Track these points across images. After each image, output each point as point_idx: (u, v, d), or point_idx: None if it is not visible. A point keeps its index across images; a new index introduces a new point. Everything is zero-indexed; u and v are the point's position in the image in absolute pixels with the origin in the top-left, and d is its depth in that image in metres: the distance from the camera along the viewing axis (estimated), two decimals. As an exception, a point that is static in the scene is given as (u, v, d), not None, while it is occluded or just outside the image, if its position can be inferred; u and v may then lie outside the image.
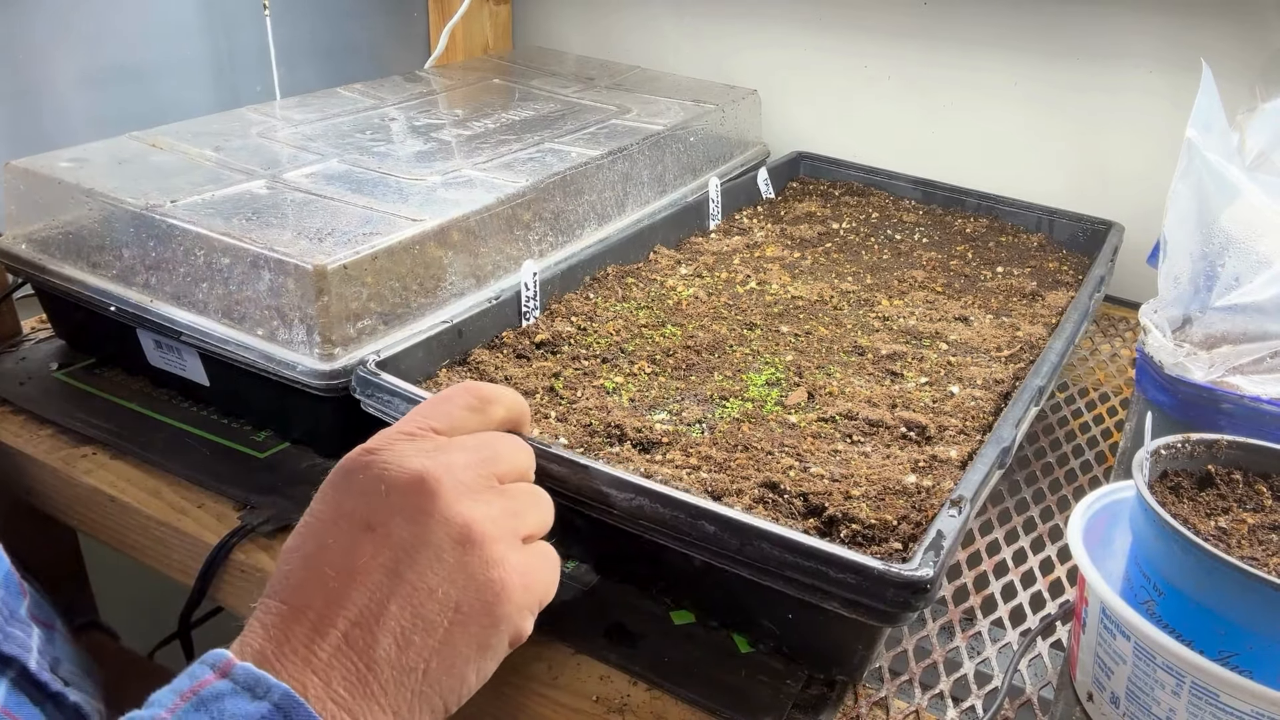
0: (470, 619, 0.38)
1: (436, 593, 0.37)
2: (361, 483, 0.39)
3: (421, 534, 0.38)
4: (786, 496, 0.53)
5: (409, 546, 0.38)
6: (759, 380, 0.67)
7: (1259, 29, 0.91)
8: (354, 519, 0.38)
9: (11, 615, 0.49)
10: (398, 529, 0.38)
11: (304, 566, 0.38)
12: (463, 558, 0.38)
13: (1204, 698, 0.39)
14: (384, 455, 0.40)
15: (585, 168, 0.84)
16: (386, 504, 0.38)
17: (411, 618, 0.37)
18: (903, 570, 0.43)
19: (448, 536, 0.38)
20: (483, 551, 0.38)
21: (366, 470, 0.40)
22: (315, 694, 0.35)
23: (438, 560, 0.38)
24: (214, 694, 0.33)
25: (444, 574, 0.38)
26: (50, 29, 0.89)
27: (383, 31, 1.23)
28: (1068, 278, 0.88)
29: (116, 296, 0.68)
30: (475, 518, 0.39)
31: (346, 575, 0.37)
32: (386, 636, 0.36)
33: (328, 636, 0.36)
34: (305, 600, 0.37)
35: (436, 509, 0.38)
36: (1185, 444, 0.47)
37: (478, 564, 0.38)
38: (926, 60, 1.09)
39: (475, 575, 0.38)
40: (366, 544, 0.38)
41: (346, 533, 0.38)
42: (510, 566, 0.39)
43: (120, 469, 0.66)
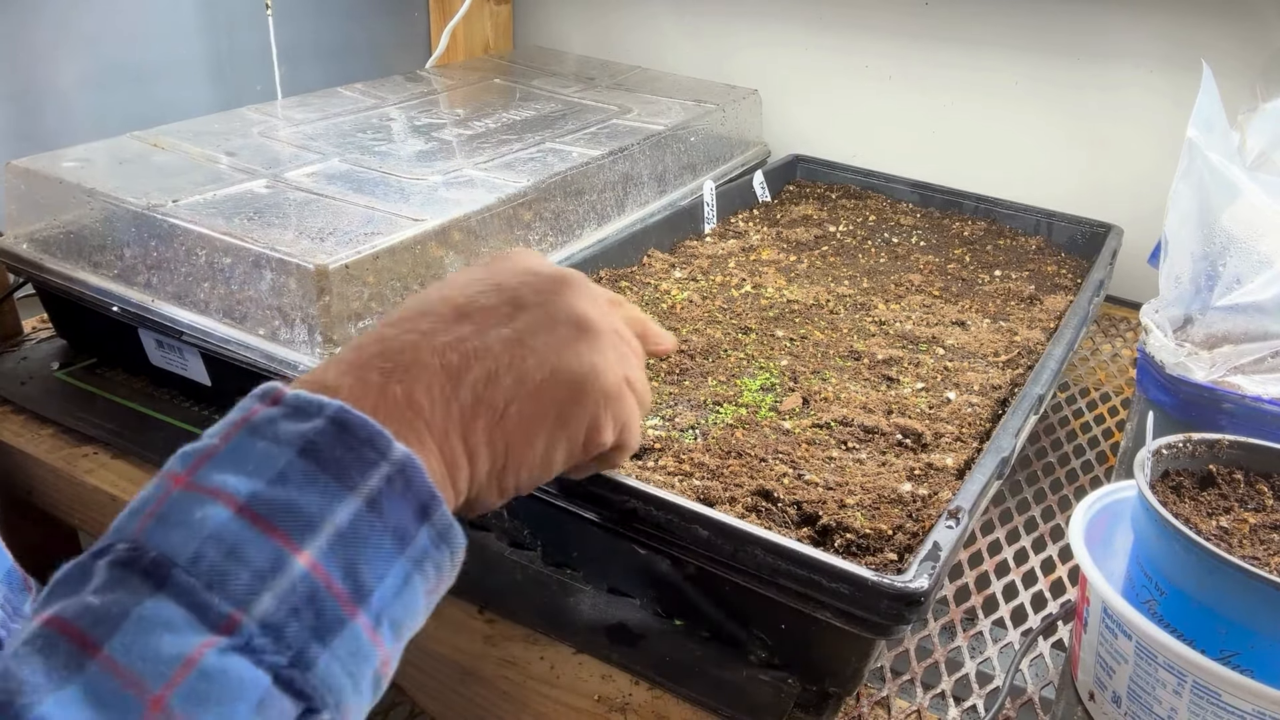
0: (560, 386, 0.39)
1: (538, 351, 0.38)
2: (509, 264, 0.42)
3: (545, 304, 0.40)
4: (780, 505, 0.52)
5: (530, 306, 0.39)
6: (753, 385, 0.67)
7: (1259, 29, 0.91)
8: (488, 280, 0.40)
9: (15, 611, 0.49)
10: (525, 295, 0.40)
11: (423, 298, 0.39)
12: (573, 335, 0.40)
13: (1205, 697, 0.39)
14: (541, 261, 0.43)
15: (586, 167, 0.84)
16: (522, 279, 0.41)
17: (509, 361, 0.37)
18: (896, 582, 0.43)
19: (567, 315, 0.40)
20: (591, 340, 0.40)
21: (519, 259, 0.42)
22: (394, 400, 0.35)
23: (550, 326, 0.39)
24: (266, 419, 0.32)
25: (552, 340, 0.39)
26: (51, 29, 0.89)
27: (384, 31, 1.23)
28: (1066, 281, 0.88)
29: (118, 296, 0.68)
30: (596, 316, 0.41)
31: (461, 311, 0.38)
32: (480, 369, 0.37)
33: (420, 351, 0.36)
34: (414, 323, 0.37)
35: (568, 292, 0.41)
36: (1187, 444, 0.47)
37: (584, 346, 0.40)
38: (927, 60, 1.09)
39: (579, 352, 0.39)
40: (492, 295, 0.39)
41: (476, 286, 0.40)
42: (609, 365, 0.40)
43: (121, 468, 0.66)
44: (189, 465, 0.31)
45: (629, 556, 0.53)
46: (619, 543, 0.52)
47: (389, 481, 0.32)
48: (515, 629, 0.54)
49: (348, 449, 0.32)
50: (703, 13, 1.22)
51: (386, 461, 0.32)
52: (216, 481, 0.30)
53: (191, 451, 0.32)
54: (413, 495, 0.33)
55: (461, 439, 0.36)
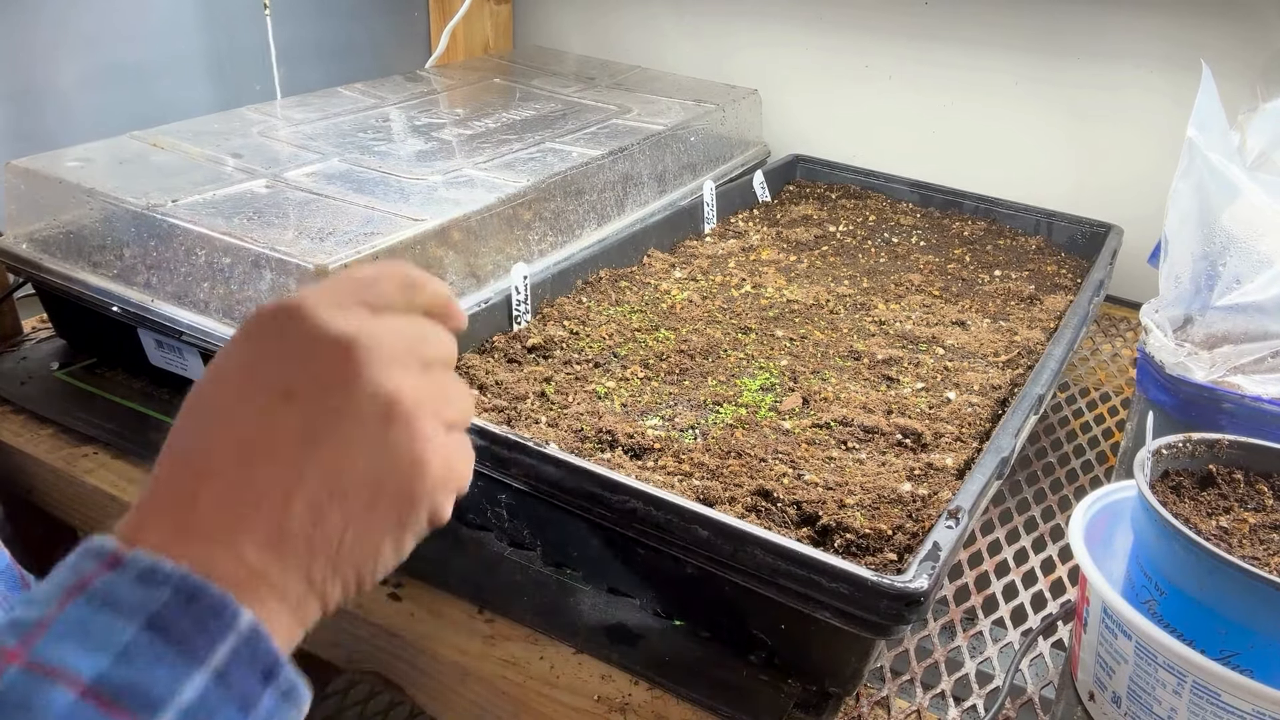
0: (390, 494, 0.36)
1: (357, 468, 0.35)
2: (282, 344, 0.36)
3: (345, 401, 0.36)
4: (780, 505, 0.52)
5: (331, 414, 0.35)
6: (753, 385, 0.67)
7: (1259, 29, 0.91)
8: (272, 385, 0.36)
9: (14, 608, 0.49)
10: (320, 395, 0.36)
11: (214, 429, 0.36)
12: (386, 430, 0.36)
13: (1205, 697, 0.39)
14: (312, 316, 0.36)
15: (586, 167, 0.84)
16: (309, 368, 0.36)
17: (329, 489, 0.35)
18: (896, 582, 0.43)
19: (373, 406, 0.36)
20: (408, 426, 0.36)
21: (290, 328, 0.36)
22: (223, 566, 0.33)
23: (360, 431, 0.36)
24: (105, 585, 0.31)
25: (366, 446, 0.36)
26: (51, 29, 0.89)
27: (383, 31, 1.23)
28: (1066, 281, 0.88)
29: (118, 296, 0.68)
30: (403, 390, 0.37)
31: (261, 445, 0.35)
32: (301, 506, 0.34)
33: (238, 504, 0.34)
34: (214, 467, 0.35)
35: (364, 376, 0.36)
36: (1186, 444, 0.47)
37: (402, 438, 0.36)
38: (927, 60, 1.09)
39: (398, 449, 0.36)
40: (284, 413, 0.35)
41: (263, 401, 0.36)
42: (433, 445, 0.37)
43: (121, 468, 0.66)
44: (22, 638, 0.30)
45: (629, 556, 0.53)
46: (619, 543, 0.52)
47: (235, 652, 0.31)
48: (515, 629, 0.54)
49: (194, 620, 0.31)
50: (703, 13, 1.22)
51: (233, 632, 0.32)
52: (56, 659, 0.29)
53: (24, 621, 0.30)
54: (258, 661, 0.32)
55: (305, 582, 0.35)
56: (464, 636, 0.53)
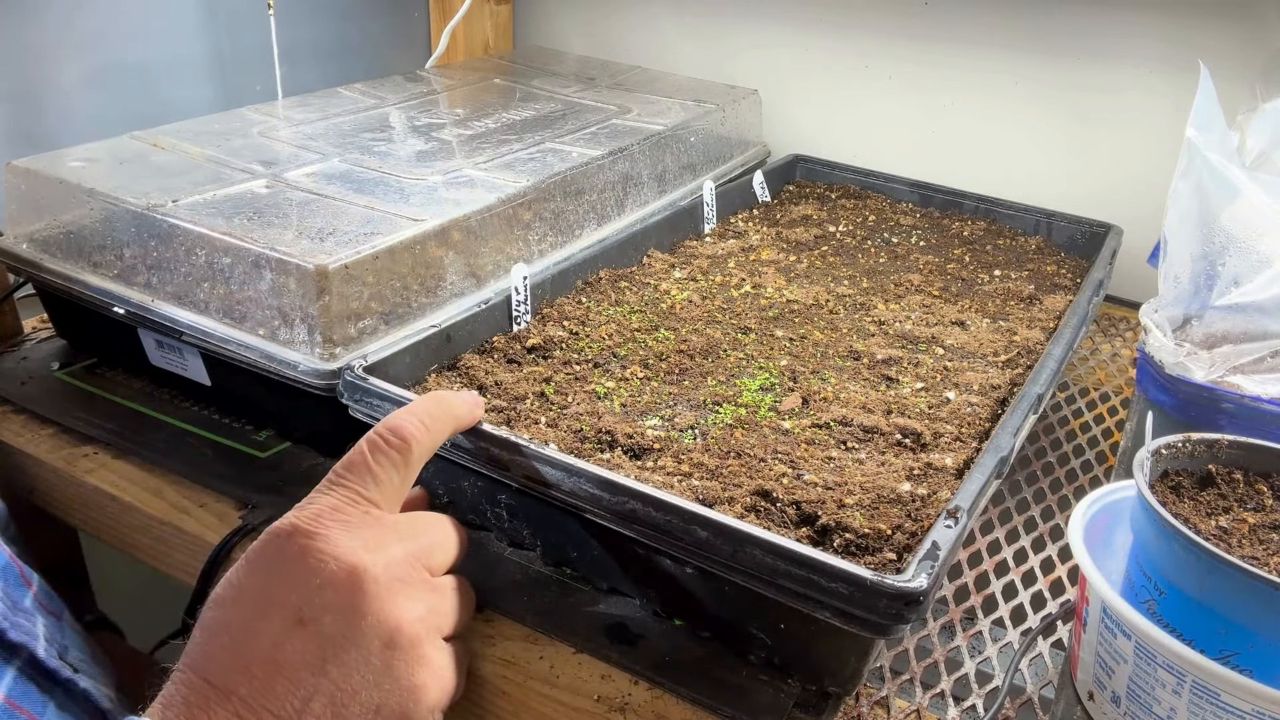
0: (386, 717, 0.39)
1: (360, 695, 0.38)
2: (295, 571, 0.39)
3: (352, 633, 0.38)
4: (779, 505, 0.52)
5: (338, 645, 0.38)
6: (753, 385, 0.67)
7: (1259, 29, 0.91)
8: (285, 609, 0.39)
9: (15, 605, 0.49)
10: (329, 625, 0.38)
11: (231, 649, 0.38)
12: (389, 660, 0.39)
13: (1205, 697, 0.39)
14: (319, 543, 0.40)
15: (586, 167, 0.84)
16: (319, 597, 0.39)
17: (333, 712, 0.37)
18: (895, 581, 0.43)
19: (378, 638, 0.39)
20: (408, 654, 0.39)
21: (302, 558, 0.39)
22: None
23: (365, 662, 0.38)
24: None
25: (369, 676, 0.38)
26: (51, 29, 0.89)
27: (383, 31, 1.23)
28: (1066, 281, 0.88)
29: (118, 296, 0.68)
30: (406, 619, 0.40)
31: (273, 668, 0.37)
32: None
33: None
34: (231, 685, 0.37)
35: (370, 609, 0.39)
36: (1186, 443, 0.47)
37: (402, 667, 0.39)
38: (927, 60, 1.09)
39: (399, 678, 0.39)
40: (296, 638, 0.38)
41: (277, 623, 0.38)
42: (432, 669, 0.40)
43: (121, 468, 0.66)
44: None
45: (629, 556, 0.53)
46: (619, 543, 0.52)
47: None
48: (515, 629, 0.54)
49: None
50: (703, 13, 1.22)
51: None
52: None
53: None
54: None
55: None
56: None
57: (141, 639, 0.76)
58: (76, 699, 0.49)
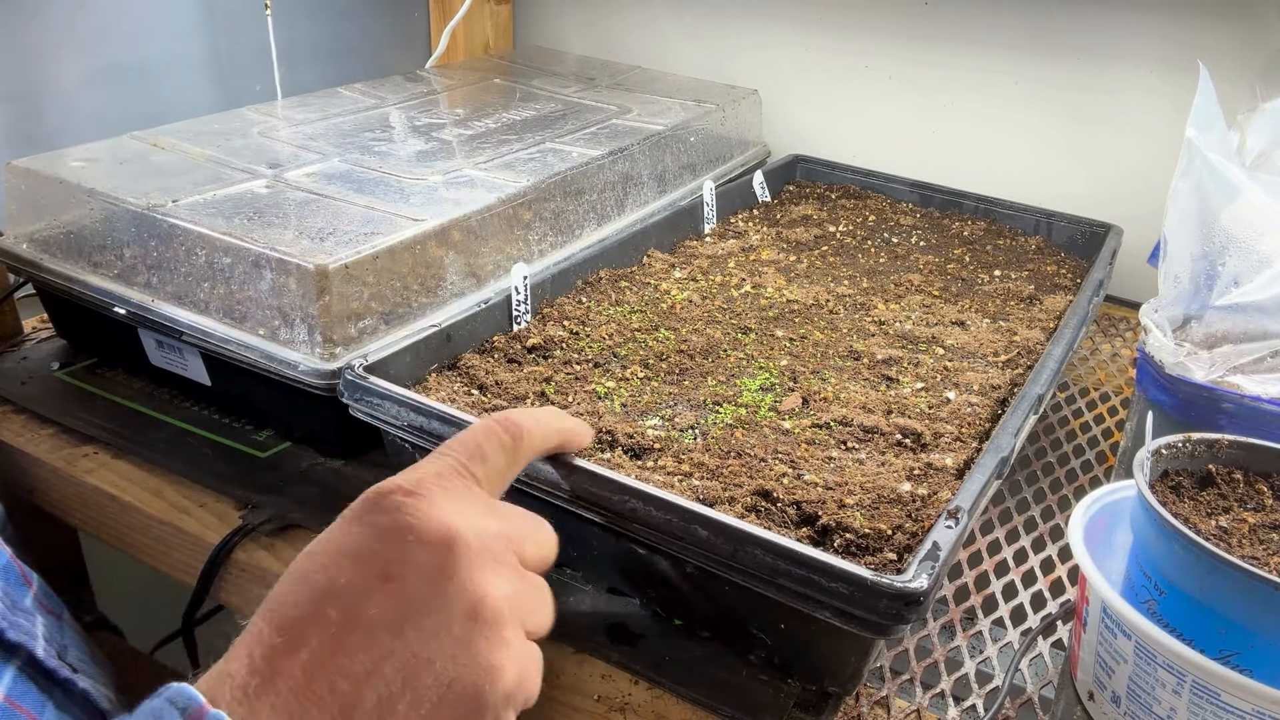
0: (459, 699, 0.36)
1: (434, 665, 0.36)
2: (388, 525, 0.39)
3: (437, 596, 0.37)
4: (779, 505, 0.52)
5: (420, 607, 0.37)
6: (753, 385, 0.67)
7: (1259, 29, 0.91)
8: (372, 563, 0.37)
9: (15, 604, 0.49)
10: (414, 584, 0.37)
11: (310, 600, 0.37)
12: (470, 632, 0.37)
13: (1205, 697, 0.39)
14: (417, 501, 0.39)
15: (586, 167, 0.84)
16: (409, 555, 0.38)
17: (402, 684, 0.36)
18: (895, 581, 0.43)
19: (461, 606, 0.37)
20: (490, 630, 0.37)
21: (397, 514, 0.39)
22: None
23: (445, 629, 0.37)
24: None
25: (447, 646, 0.37)
26: (52, 29, 0.89)
27: (383, 31, 1.23)
28: (1066, 281, 0.88)
29: (118, 296, 0.68)
30: (492, 594, 0.38)
31: (350, 622, 0.36)
32: (372, 696, 0.35)
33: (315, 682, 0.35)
34: (302, 638, 0.36)
35: (458, 573, 0.38)
36: (1186, 443, 0.47)
37: (482, 643, 0.37)
38: (927, 60, 1.09)
39: (477, 654, 0.37)
40: (379, 595, 0.37)
41: (362, 576, 0.37)
42: (512, 653, 0.38)
43: (122, 468, 0.66)
44: None
45: (629, 556, 0.53)
46: (619, 543, 0.52)
47: None
48: (515, 629, 0.54)
49: None
50: (703, 13, 1.22)
51: None
52: None
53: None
54: None
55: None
56: (464, 636, 0.53)
57: (141, 639, 0.76)
58: (75, 699, 0.49)
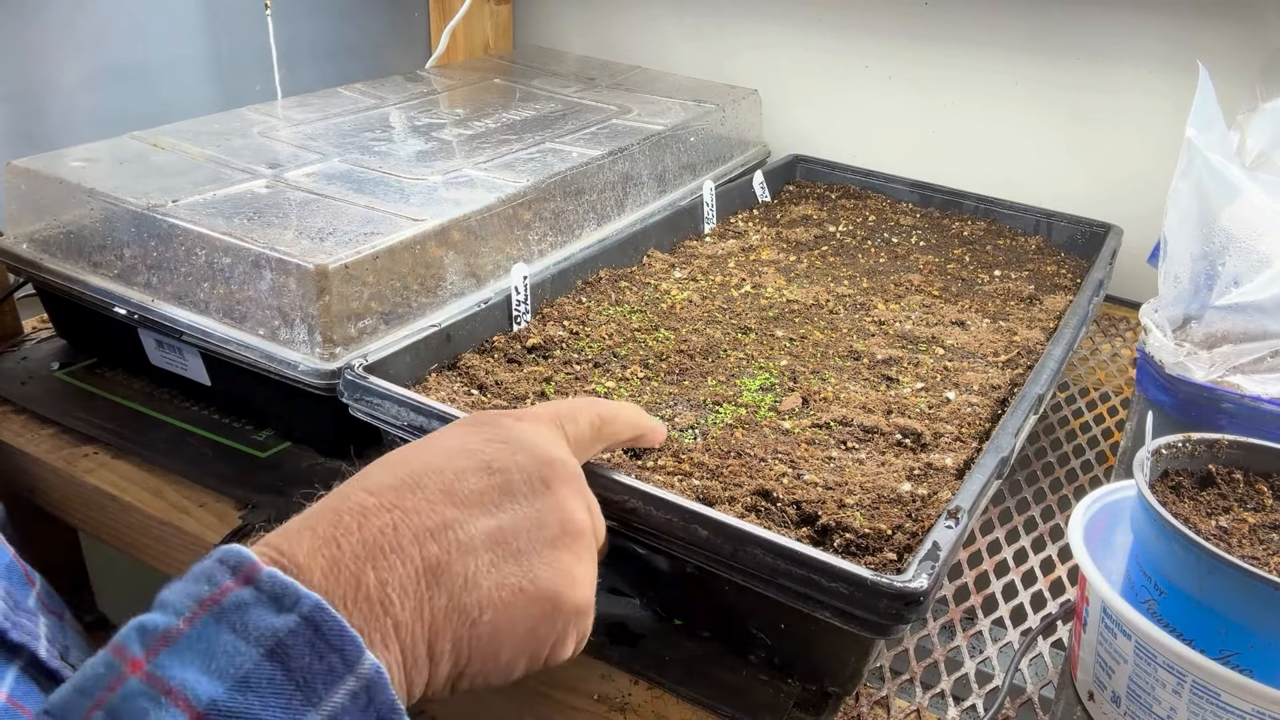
0: (539, 596, 0.37)
1: (523, 556, 0.37)
2: (498, 434, 0.40)
3: (535, 498, 0.38)
4: (779, 504, 0.52)
5: (520, 500, 0.38)
6: (753, 385, 0.67)
7: (1259, 29, 0.91)
8: (479, 456, 0.38)
9: (17, 605, 0.49)
10: (517, 480, 0.38)
11: (409, 473, 0.36)
12: (560, 538, 0.38)
13: (1205, 697, 0.39)
14: (521, 427, 0.41)
15: (586, 167, 0.84)
16: (514, 458, 0.39)
17: (490, 562, 0.36)
18: (895, 581, 0.43)
19: (556, 514, 0.38)
20: (577, 544, 0.39)
21: (504, 428, 0.40)
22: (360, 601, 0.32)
23: (538, 527, 0.38)
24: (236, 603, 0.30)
25: (537, 542, 0.37)
26: (52, 29, 0.89)
27: (383, 31, 1.23)
28: (1066, 281, 0.88)
29: (118, 296, 0.68)
30: (579, 515, 0.39)
31: (449, 493, 0.36)
32: (460, 566, 0.35)
33: (401, 535, 0.34)
34: (397, 498, 0.35)
35: (557, 487, 0.39)
36: (1186, 443, 0.47)
37: (569, 552, 0.38)
38: (927, 60, 1.09)
39: (562, 559, 0.38)
40: (482, 477, 0.37)
41: (466, 461, 0.38)
42: (588, 572, 0.39)
43: (122, 468, 0.66)
44: (148, 647, 0.29)
45: (629, 556, 0.53)
46: (619, 542, 0.52)
47: (354, 697, 0.31)
48: (515, 629, 0.54)
49: (318, 656, 0.30)
50: (703, 13, 1.22)
51: (353, 675, 0.31)
52: (177, 678, 0.29)
53: (151, 628, 0.30)
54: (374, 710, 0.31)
55: (427, 643, 0.34)
56: (464, 636, 0.53)
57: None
58: None
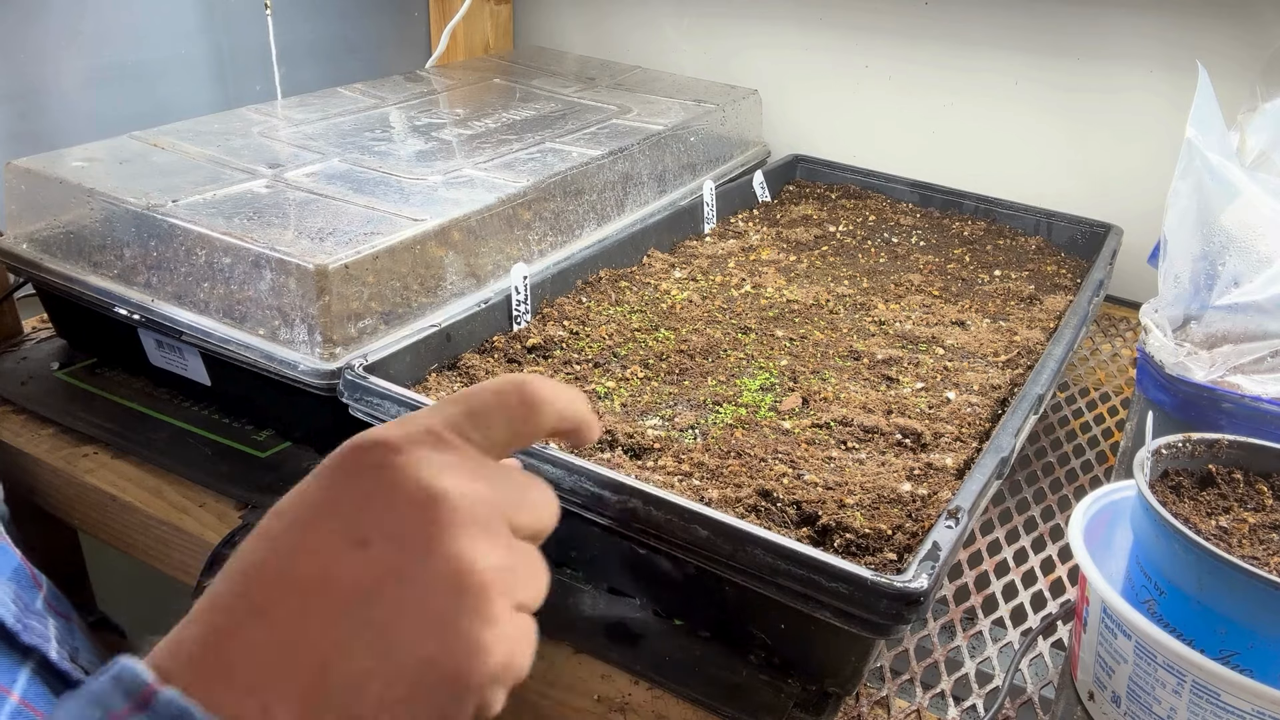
0: (440, 679, 0.33)
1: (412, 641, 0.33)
2: (368, 485, 0.35)
3: (416, 566, 0.33)
4: (779, 504, 0.52)
5: (398, 577, 0.33)
6: (753, 385, 0.67)
7: (1259, 29, 0.91)
8: (347, 525, 0.34)
9: (27, 607, 0.49)
10: (392, 552, 0.33)
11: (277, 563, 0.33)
12: (453, 606, 0.33)
13: (1205, 697, 0.39)
14: (402, 459, 0.35)
15: (586, 167, 0.84)
16: (388, 518, 0.34)
17: (377, 661, 0.32)
18: (896, 581, 0.43)
19: (445, 576, 0.33)
20: (475, 605, 0.33)
21: (378, 472, 0.35)
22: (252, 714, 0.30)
23: (423, 602, 0.33)
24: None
25: (425, 620, 0.33)
26: (52, 29, 0.89)
27: (383, 31, 1.23)
28: (1066, 281, 0.88)
29: (118, 296, 0.68)
30: (479, 565, 0.34)
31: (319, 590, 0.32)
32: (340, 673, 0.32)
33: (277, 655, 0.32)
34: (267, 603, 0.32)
35: (441, 542, 0.33)
36: (1186, 443, 0.47)
37: (467, 619, 0.33)
38: (927, 60, 1.09)
39: (461, 629, 0.33)
40: (353, 561, 0.33)
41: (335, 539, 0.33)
42: (499, 631, 0.34)
43: (122, 468, 0.66)
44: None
45: (629, 556, 0.53)
46: (619, 543, 0.52)
47: None
48: (515, 629, 0.54)
49: None
50: (703, 13, 1.22)
51: None
52: None
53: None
54: None
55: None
56: (464, 636, 0.53)
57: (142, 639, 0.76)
58: None
